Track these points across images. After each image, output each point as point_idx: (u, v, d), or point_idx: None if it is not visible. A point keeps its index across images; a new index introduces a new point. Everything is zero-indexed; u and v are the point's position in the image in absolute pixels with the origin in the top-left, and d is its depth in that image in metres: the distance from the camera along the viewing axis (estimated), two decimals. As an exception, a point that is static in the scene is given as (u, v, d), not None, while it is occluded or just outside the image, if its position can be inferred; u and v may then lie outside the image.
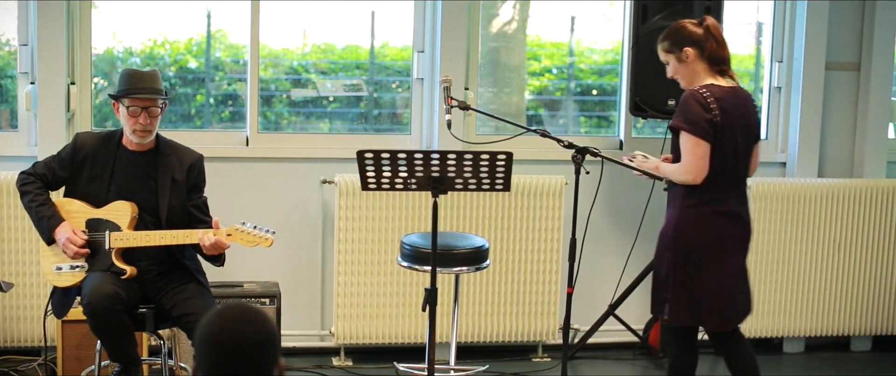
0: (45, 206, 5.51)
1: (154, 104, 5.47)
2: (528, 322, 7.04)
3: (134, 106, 5.45)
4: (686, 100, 5.32)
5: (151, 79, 5.51)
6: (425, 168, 5.14)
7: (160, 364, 5.77)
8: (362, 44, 7.30)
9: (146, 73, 5.54)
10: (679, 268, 5.40)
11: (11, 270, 6.52)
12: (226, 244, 5.39)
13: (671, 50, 5.45)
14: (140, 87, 5.46)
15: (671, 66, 5.48)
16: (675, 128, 5.35)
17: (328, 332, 7.05)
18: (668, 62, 5.49)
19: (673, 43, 5.44)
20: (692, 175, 5.30)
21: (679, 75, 5.48)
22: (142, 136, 5.50)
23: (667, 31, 5.51)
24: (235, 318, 2.99)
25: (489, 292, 6.98)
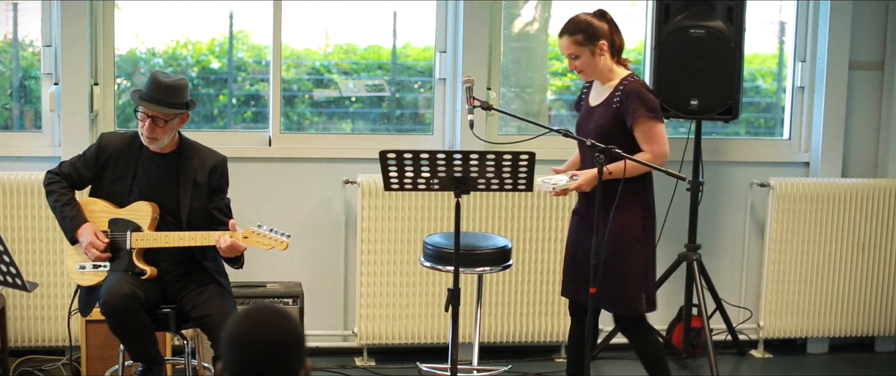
0: (69, 206, 5.52)
1: (159, 115, 5.47)
2: (550, 322, 7.03)
3: (142, 112, 5.47)
4: (639, 91, 5.54)
5: (167, 91, 5.44)
6: (448, 168, 5.14)
7: (183, 363, 5.78)
8: (384, 44, 7.30)
9: (166, 83, 5.45)
10: (650, 258, 5.68)
11: (36, 270, 6.55)
12: (242, 246, 5.39)
13: (586, 43, 5.57)
14: (150, 96, 5.43)
15: (582, 60, 5.59)
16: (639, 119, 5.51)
17: (351, 332, 7.06)
18: (577, 56, 5.59)
19: (587, 37, 5.56)
20: (666, 158, 5.55)
21: (589, 68, 5.62)
22: (149, 141, 5.51)
23: (575, 25, 5.61)
24: (262, 319, 3.00)
25: (512, 292, 6.98)
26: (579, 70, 5.63)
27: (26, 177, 6.51)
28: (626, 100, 5.52)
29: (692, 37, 6.64)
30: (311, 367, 3.07)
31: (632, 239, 5.58)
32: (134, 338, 5.39)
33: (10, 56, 7.00)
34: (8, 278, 4.93)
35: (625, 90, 5.54)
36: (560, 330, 7.04)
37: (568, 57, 5.60)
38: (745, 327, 7.37)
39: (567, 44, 5.57)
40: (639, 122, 5.50)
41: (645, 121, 5.51)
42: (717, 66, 6.63)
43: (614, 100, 5.56)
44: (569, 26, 5.59)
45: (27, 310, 6.61)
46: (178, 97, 5.46)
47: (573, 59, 5.59)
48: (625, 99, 5.52)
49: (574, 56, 5.58)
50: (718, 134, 7.49)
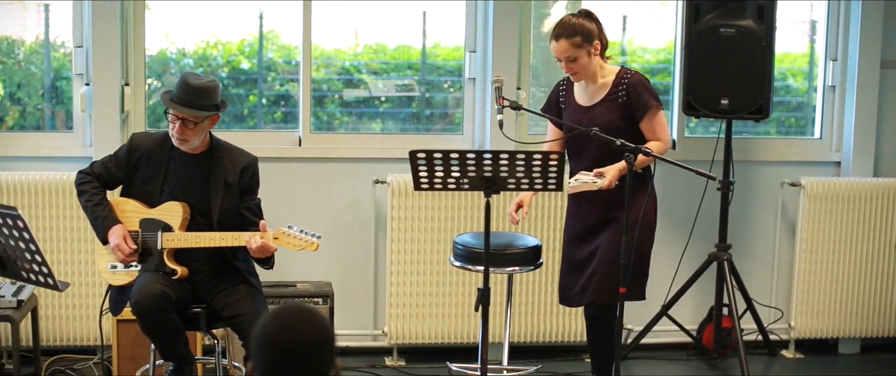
0: (101, 206, 5.55)
1: (189, 117, 5.48)
2: (580, 322, 7.01)
3: (172, 114, 5.48)
4: (644, 83, 5.72)
5: (197, 93, 5.44)
6: (478, 168, 5.14)
7: (214, 363, 5.80)
8: (414, 44, 7.31)
9: (195, 85, 5.45)
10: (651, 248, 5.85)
11: (67, 270, 6.58)
12: (272, 247, 5.40)
13: (583, 45, 5.65)
14: (180, 98, 5.44)
15: (580, 62, 5.66)
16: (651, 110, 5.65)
17: (381, 332, 7.06)
18: (575, 58, 5.65)
19: (585, 39, 5.65)
20: (669, 145, 5.73)
21: (583, 68, 5.70)
22: (179, 143, 5.52)
23: (571, 28, 5.66)
24: (292, 319, 3.00)
25: (542, 292, 6.97)
26: (575, 72, 5.70)
27: (58, 178, 6.54)
28: (634, 93, 5.66)
29: (722, 36, 6.62)
30: (341, 367, 3.08)
31: (646, 228, 5.73)
32: (165, 338, 5.42)
33: (41, 57, 7.04)
34: (40, 278, 4.95)
35: (630, 83, 5.68)
36: (590, 330, 7.03)
37: (565, 60, 5.66)
38: (776, 327, 7.34)
39: (566, 47, 5.63)
40: (649, 114, 5.65)
41: (654, 111, 5.67)
42: (747, 65, 6.61)
43: (619, 94, 5.66)
44: (566, 30, 5.65)
45: (59, 310, 6.64)
46: (209, 99, 5.46)
47: (570, 62, 5.66)
48: (632, 91, 5.66)
49: (572, 58, 5.65)
50: (749, 133, 7.47)
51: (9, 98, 7.05)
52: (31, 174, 6.56)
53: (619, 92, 5.66)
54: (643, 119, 5.66)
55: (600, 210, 5.72)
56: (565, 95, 5.87)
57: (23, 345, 6.20)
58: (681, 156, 6.43)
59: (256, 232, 5.40)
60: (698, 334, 7.19)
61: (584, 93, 5.78)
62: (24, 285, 5.84)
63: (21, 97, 7.06)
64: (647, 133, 5.67)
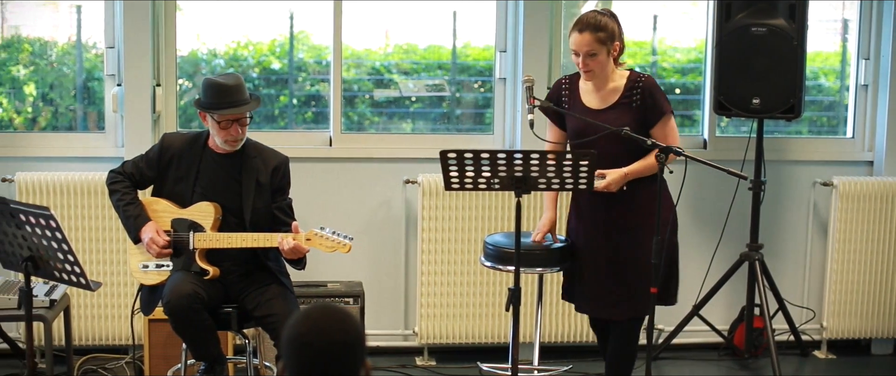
0: (133, 206, 5.56)
1: (244, 115, 5.50)
2: (611, 322, 7.01)
3: (225, 120, 5.49)
4: (657, 88, 5.62)
5: (238, 90, 5.47)
6: (508, 168, 5.13)
7: (245, 363, 5.81)
8: (444, 44, 7.31)
9: (232, 84, 5.46)
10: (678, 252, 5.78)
11: (99, 270, 6.61)
12: (305, 249, 5.40)
13: (606, 42, 5.55)
14: (229, 101, 5.45)
15: (598, 59, 5.55)
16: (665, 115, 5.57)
17: (411, 332, 7.07)
18: (595, 54, 5.53)
19: (609, 36, 5.55)
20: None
21: (599, 66, 5.58)
22: (234, 145, 5.53)
23: (597, 22, 5.55)
24: (323, 319, 3.00)
25: (572, 292, 6.96)
26: (590, 69, 5.57)
27: (90, 178, 6.57)
28: (648, 97, 5.56)
29: (754, 35, 6.60)
30: (371, 367, 3.08)
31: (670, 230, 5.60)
32: (196, 338, 5.43)
33: (73, 58, 7.07)
34: (72, 277, 4.97)
35: (644, 87, 5.57)
36: (621, 330, 7.02)
37: (584, 54, 5.53)
38: (808, 327, 7.31)
39: (589, 41, 5.51)
40: (663, 119, 5.57)
41: (668, 117, 5.60)
42: (779, 64, 6.58)
43: (633, 98, 5.57)
44: (591, 23, 5.53)
45: (91, 309, 6.67)
46: (246, 92, 5.51)
47: (590, 57, 5.53)
48: (647, 96, 5.56)
49: (592, 54, 5.53)
50: (780, 132, 7.44)
51: (41, 99, 7.09)
52: (64, 174, 6.59)
53: (633, 96, 5.57)
54: (656, 124, 5.57)
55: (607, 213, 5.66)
56: (568, 95, 5.75)
57: (55, 345, 6.24)
58: (712, 156, 6.40)
59: (289, 233, 5.41)
60: (730, 334, 7.17)
61: (593, 95, 5.67)
62: (56, 285, 5.88)
63: (53, 98, 7.09)
64: (658, 139, 5.54)
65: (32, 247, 4.94)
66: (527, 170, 5.12)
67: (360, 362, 3.03)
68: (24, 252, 4.98)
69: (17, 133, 7.00)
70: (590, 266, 5.72)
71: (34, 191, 6.55)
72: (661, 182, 5.38)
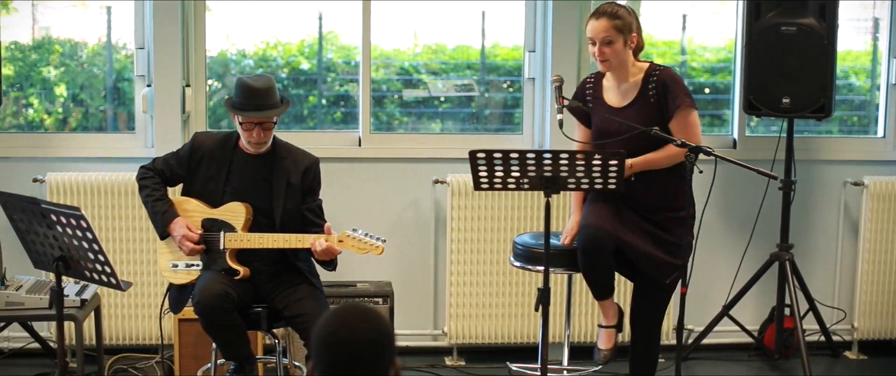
0: (161, 202, 5.58)
1: (268, 120, 5.51)
2: (641, 322, 6.99)
3: (247, 122, 5.50)
4: (676, 78, 5.55)
5: (266, 93, 5.47)
6: (537, 168, 5.12)
7: (275, 362, 5.82)
8: (473, 44, 7.31)
9: (260, 87, 5.47)
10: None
11: (130, 269, 6.63)
12: (337, 250, 5.41)
13: (622, 31, 5.50)
14: (254, 104, 5.46)
15: (614, 47, 5.50)
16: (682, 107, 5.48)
17: (441, 332, 7.07)
18: (611, 41, 5.49)
19: (625, 25, 5.50)
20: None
21: (616, 57, 5.52)
22: (257, 148, 5.54)
23: (614, 10, 5.53)
24: (352, 318, 3.01)
25: (601, 292, 6.94)
26: (605, 59, 5.52)
27: (120, 178, 6.60)
28: (664, 89, 5.49)
29: (784, 34, 6.57)
30: (401, 367, 3.08)
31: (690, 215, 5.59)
32: (226, 337, 5.44)
33: (103, 58, 7.10)
34: (103, 277, 4.99)
35: (660, 79, 5.51)
36: (650, 331, 7.01)
37: (600, 41, 5.48)
38: (839, 328, 7.28)
39: (606, 27, 5.47)
40: (680, 111, 5.48)
41: (686, 109, 5.49)
42: (809, 63, 6.55)
43: (649, 92, 5.52)
44: (607, 11, 5.50)
45: (121, 309, 6.70)
46: (275, 96, 5.50)
47: (605, 45, 5.48)
48: (663, 87, 5.49)
49: (608, 41, 5.48)
50: (810, 132, 7.42)
51: (72, 99, 7.12)
52: (94, 175, 6.62)
53: (648, 90, 5.51)
54: (674, 117, 5.48)
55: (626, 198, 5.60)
56: (592, 94, 5.71)
57: (86, 344, 6.25)
58: (742, 156, 6.37)
59: (321, 234, 5.42)
60: (760, 335, 7.15)
61: (616, 92, 5.63)
62: (87, 284, 5.90)
63: (84, 98, 7.12)
64: (676, 131, 5.48)
65: (63, 247, 4.97)
66: (556, 169, 5.11)
67: (390, 362, 3.03)
68: (55, 252, 5.01)
69: (47, 133, 7.04)
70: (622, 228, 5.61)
71: (65, 191, 6.58)
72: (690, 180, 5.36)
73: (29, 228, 5.04)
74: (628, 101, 5.57)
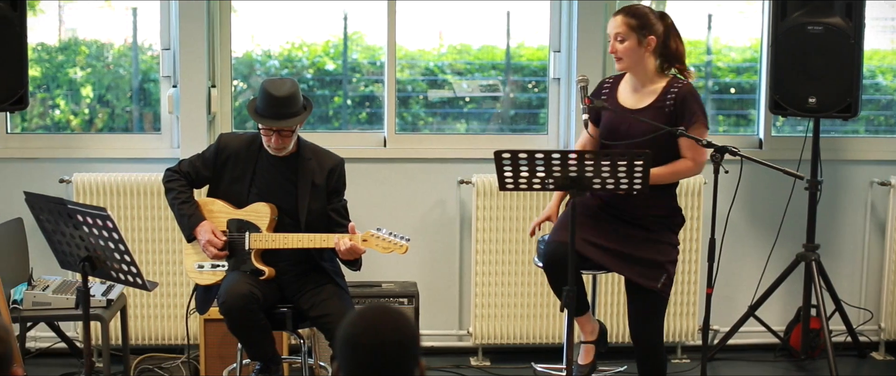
0: (188, 205, 5.60)
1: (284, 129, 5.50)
2: (667, 322, 6.94)
3: (266, 129, 5.51)
4: (696, 96, 5.50)
5: (287, 101, 5.45)
6: (563, 168, 5.11)
7: (300, 363, 5.83)
8: (498, 44, 7.31)
9: (281, 95, 5.44)
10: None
11: (156, 270, 6.65)
12: (361, 249, 5.41)
13: (636, 30, 5.48)
14: (271, 112, 5.45)
15: (627, 45, 5.47)
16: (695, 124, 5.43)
17: (466, 332, 7.07)
18: (624, 39, 5.47)
19: (640, 25, 5.47)
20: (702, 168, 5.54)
21: (629, 56, 5.50)
22: (278, 152, 5.55)
23: (633, 8, 5.54)
24: (377, 319, 3.01)
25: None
26: (619, 56, 5.50)
27: (146, 179, 6.62)
28: (682, 104, 5.43)
29: (810, 34, 6.55)
30: (425, 367, 3.08)
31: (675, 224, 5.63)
32: (252, 338, 5.46)
33: (129, 59, 7.12)
34: (129, 277, 5.01)
35: (680, 92, 5.45)
36: (677, 330, 6.99)
37: (614, 36, 5.49)
38: (866, 328, 7.25)
39: (619, 23, 5.48)
40: (695, 127, 5.42)
41: (701, 127, 5.44)
42: (835, 63, 6.53)
43: (667, 101, 5.46)
44: (627, 8, 5.53)
45: (147, 309, 6.72)
46: (296, 104, 5.48)
47: (618, 41, 5.47)
48: (682, 100, 5.44)
49: (621, 37, 5.47)
50: (837, 132, 7.39)
51: (98, 100, 7.15)
52: (120, 175, 6.64)
53: (667, 99, 5.47)
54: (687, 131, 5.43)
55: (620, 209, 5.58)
56: (609, 94, 5.67)
57: (112, 344, 6.28)
58: (768, 156, 6.36)
59: (345, 234, 5.42)
60: (786, 335, 7.12)
61: (631, 95, 5.60)
62: (113, 285, 5.92)
63: (110, 99, 7.15)
64: (684, 149, 5.46)
65: (90, 247, 4.98)
66: (581, 170, 5.10)
67: (415, 362, 3.03)
68: (81, 252, 5.03)
69: (74, 134, 7.06)
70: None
71: (91, 191, 6.60)
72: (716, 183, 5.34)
73: (56, 229, 5.06)
74: (643, 105, 5.52)
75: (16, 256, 6.20)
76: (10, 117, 6.81)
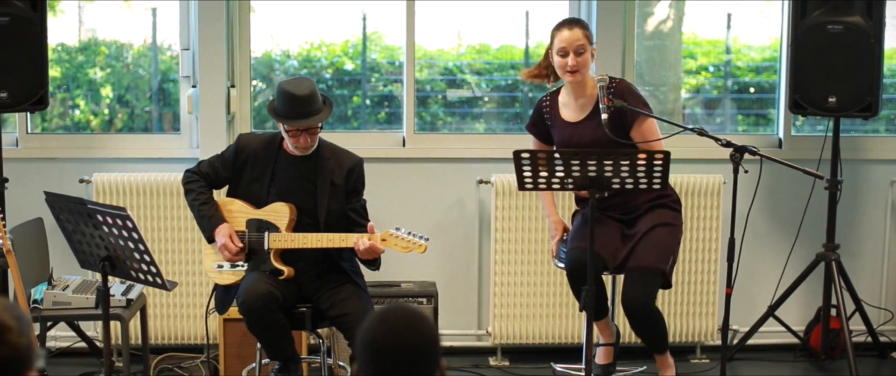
0: (207, 206, 5.60)
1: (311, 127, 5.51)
2: (686, 322, 6.97)
3: (293, 130, 5.51)
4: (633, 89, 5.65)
5: (308, 100, 5.45)
6: (582, 167, 5.11)
7: (319, 362, 5.83)
8: (517, 44, 7.30)
9: (303, 94, 5.43)
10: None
11: (175, 269, 6.67)
12: (380, 249, 5.42)
13: (591, 41, 5.64)
14: (297, 112, 5.44)
15: (585, 57, 5.59)
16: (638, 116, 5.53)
17: (485, 332, 7.06)
18: (583, 51, 5.58)
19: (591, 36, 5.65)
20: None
21: (584, 66, 5.60)
22: (304, 152, 5.55)
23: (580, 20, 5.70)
24: (398, 323, 3.00)
25: (646, 292, 6.92)
26: (576, 70, 5.57)
27: (165, 179, 6.64)
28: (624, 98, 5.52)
29: (830, 33, 6.53)
30: (446, 367, 3.08)
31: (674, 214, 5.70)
32: (271, 337, 5.46)
33: (149, 60, 7.14)
34: (149, 277, 5.02)
35: (618, 89, 5.56)
36: (696, 331, 6.98)
37: (575, 50, 5.55)
38: (886, 329, 7.23)
39: (580, 36, 5.58)
40: (641, 120, 5.53)
41: (646, 118, 5.55)
42: (855, 62, 6.51)
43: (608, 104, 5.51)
44: (577, 20, 5.66)
45: (167, 309, 6.74)
46: (318, 101, 5.50)
47: (578, 55, 5.55)
48: (622, 98, 5.51)
49: (581, 50, 5.56)
50: (857, 131, 7.37)
51: (118, 101, 7.17)
52: (140, 175, 6.66)
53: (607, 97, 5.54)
54: (633, 126, 5.55)
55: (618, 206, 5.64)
56: (550, 112, 5.76)
57: (132, 343, 6.29)
58: (788, 156, 6.34)
59: (364, 233, 5.43)
60: (806, 335, 7.10)
61: (572, 107, 5.69)
62: (133, 284, 5.93)
63: (129, 99, 7.17)
64: (639, 140, 5.52)
65: (109, 247, 5.00)
66: (600, 169, 5.10)
67: (435, 365, 3.03)
68: (101, 252, 5.04)
69: (94, 134, 7.08)
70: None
71: (111, 191, 6.62)
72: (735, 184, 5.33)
73: (75, 228, 5.08)
74: (586, 115, 5.64)
75: (36, 256, 6.22)
76: (30, 117, 6.84)
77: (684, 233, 6.85)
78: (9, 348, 2.82)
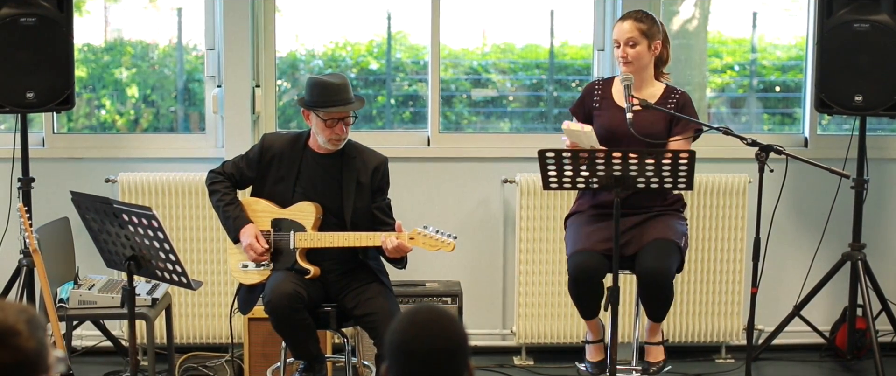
0: (232, 206, 5.61)
1: (347, 115, 5.52)
2: (711, 322, 6.96)
3: (331, 118, 5.51)
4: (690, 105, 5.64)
5: (344, 89, 5.49)
6: (607, 167, 5.11)
7: (344, 362, 5.84)
8: (542, 43, 7.30)
9: (338, 83, 5.48)
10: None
11: (200, 269, 6.68)
12: (408, 248, 5.42)
13: (647, 35, 5.58)
14: (336, 99, 5.47)
15: (638, 50, 5.56)
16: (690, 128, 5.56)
17: (510, 331, 7.06)
18: (636, 44, 5.55)
19: (650, 29, 5.58)
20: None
21: (638, 61, 5.58)
22: (337, 144, 5.55)
23: (642, 13, 5.64)
24: (428, 325, 3.00)
25: (671, 292, 6.91)
26: (628, 61, 5.56)
27: (191, 178, 6.65)
28: (683, 108, 5.56)
29: (856, 31, 6.50)
30: (474, 367, 3.08)
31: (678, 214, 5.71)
32: (296, 337, 5.47)
33: (174, 60, 7.16)
34: (174, 276, 5.03)
35: (681, 100, 5.60)
36: (722, 330, 6.96)
37: (625, 42, 5.55)
38: (913, 328, 7.20)
39: (631, 28, 5.55)
40: (686, 134, 5.53)
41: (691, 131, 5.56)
42: (882, 60, 6.48)
43: (668, 105, 5.57)
44: (634, 13, 5.61)
45: (192, 308, 6.76)
46: (351, 91, 5.54)
47: (629, 46, 5.54)
48: (682, 107, 5.57)
49: (633, 43, 5.54)
50: (883, 130, 7.34)
51: (143, 100, 7.19)
52: (165, 175, 6.68)
53: (668, 104, 5.57)
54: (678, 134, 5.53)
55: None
56: (600, 96, 5.71)
57: (157, 343, 6.31)
58: (813, 155, 6.33)
59: (392, 232, 5.43)
60: (831, 335, 7.08)
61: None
62: (158, 284, 5.95)
63: (155, 99, 7.19)
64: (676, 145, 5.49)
65: (135, 246, 5.02)
66: (625, 168, 5.10)
67: (465, 366, 3.03)
68: (126, 251, 5.06)
69: (119, 134, 7.11)
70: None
71: (136, 191, 6.64)
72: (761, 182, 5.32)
73: (101, 228, 5.10)
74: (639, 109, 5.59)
75: (62, 255, 6.24)
76: (56, 117, 6.86)
77: (709, 233, 6.87)
78: (17, 352, 2.81)
